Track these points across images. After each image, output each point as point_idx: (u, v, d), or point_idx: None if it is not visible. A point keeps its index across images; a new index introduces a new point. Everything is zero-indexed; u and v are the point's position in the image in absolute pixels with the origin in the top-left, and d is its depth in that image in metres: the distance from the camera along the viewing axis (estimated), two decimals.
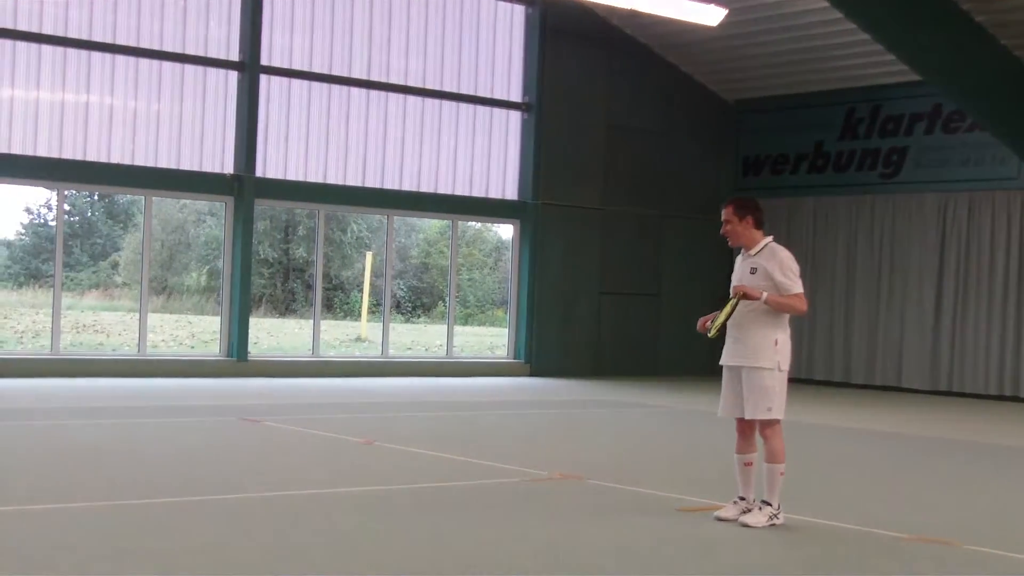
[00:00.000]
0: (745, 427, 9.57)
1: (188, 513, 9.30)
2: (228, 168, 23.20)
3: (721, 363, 9.66)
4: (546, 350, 26.50)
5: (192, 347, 31.16)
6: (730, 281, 9.71)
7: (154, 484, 10.49)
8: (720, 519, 9.49)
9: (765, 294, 9.33)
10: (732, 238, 9.66)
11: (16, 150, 21.30)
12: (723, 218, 9.65)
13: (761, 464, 9.45)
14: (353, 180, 24.66)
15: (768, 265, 9.47)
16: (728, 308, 9.45)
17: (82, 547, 8.00)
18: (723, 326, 9.50)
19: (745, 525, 9.26)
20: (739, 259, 9.75)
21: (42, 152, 21.53)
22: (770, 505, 9.33)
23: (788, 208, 27.96)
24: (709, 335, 9.55)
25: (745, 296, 9.33)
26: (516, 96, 26.58)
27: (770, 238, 9.67)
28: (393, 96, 25.09)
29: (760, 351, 9.39)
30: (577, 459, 13.28)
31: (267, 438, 14.33)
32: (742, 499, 9.55)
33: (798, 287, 9.46)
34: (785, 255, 9.55)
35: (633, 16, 25.01)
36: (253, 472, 11.58)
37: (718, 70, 28.27)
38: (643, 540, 8.87)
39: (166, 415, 16.11)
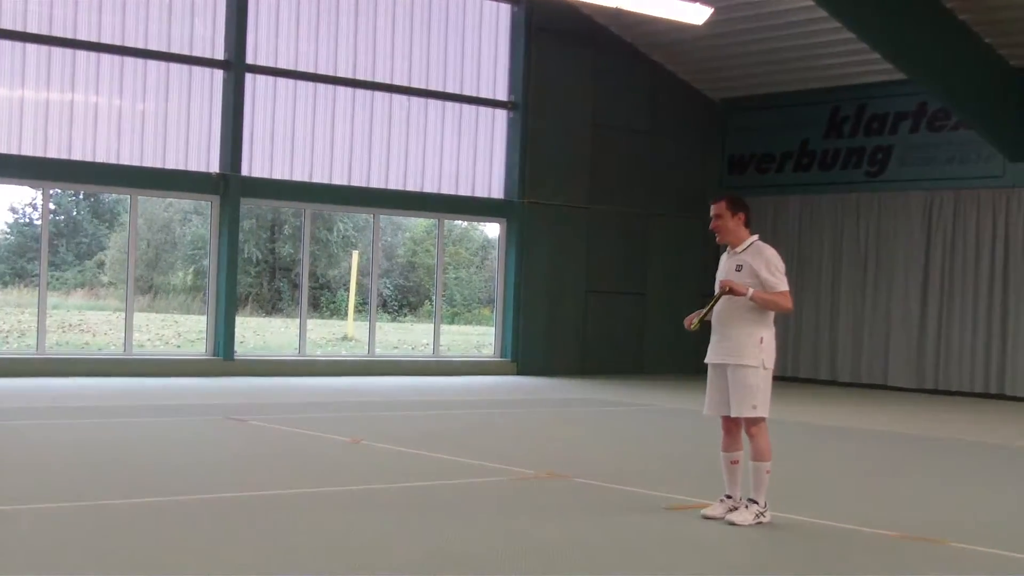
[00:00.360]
0: (731, 425, 9.58)
1: (174, 513, 9.29)
2: (214, 167, 23.17)
3: (706, 361, 9.66)
4: (532, 349, 26.51)
5: (178, 346, 31.11)
6: (715, 279, 9.72)
7: (140, 484, 10.48)
8: (707, 517, 9.50)
9: (751, 290, 9.33)
10: (721, 233, 9.66)
11: (1, 149, 21.26)
12: (714, 212, 9.64)
13: (747, 462, 9.46)
14: (339, 179, 24.65)
15: (754, 262, 9.48)
16: (712, 303, 9.48)
17: (67, 547, 7.98)
18: (706, 320, 9.53)
19: (732, 523, 9.27)
20: (724, 257, 9.76)
21: (27, 151, 21.48)
22: (757, 503, 9.34)
23: (774, 206, 28.00)
24: (691, 328, 9.58)
25: (731, 291, 9.33)
26: (502, 95, 26.59)
27: (756, 236, 9.69)
28: (379, 95, 25.08)
29: (745, 349, 9.39)
30: (564, 458, 13.29)
31: (253, 437, 14.32)
32: (728, 497, 9.56)
33: (784, 285, 9.47)
34: (771, 253, 9.56)
35: (618, 15, 25.02)
36: (239, 472, 11.58)
37: (704, 69, 28.29)
38: (631, 538, 8.87)
39: (152, 415, 16.08)
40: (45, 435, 13.85)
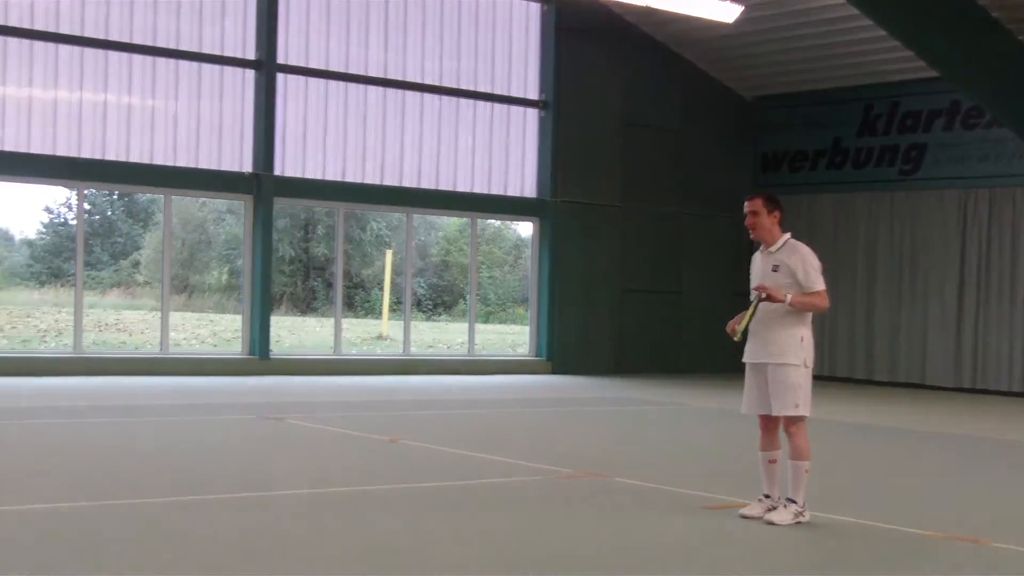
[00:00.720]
0: (769, 424, 9.55)
1: (211, 511, 9.32)
2: (247, 167, 23.25)
3: (744, 360, 9.63)
4: (567, 348, 26.48)
5: (214, 345, 31.22)
6: (749, 279, 9.70)
7: (177, 482, 10.52)
8: (745, 517, 9.47)
9: (790, 296, 9.30)
10: (756, 231, 9.61)
11: (36, 149, 21.39)
12: (750, 209, 9.58)
13: (786, 461, 9.43)
14: (371, 178, 24.69)
15: (790, 261, 9.45)
16: (751, 310, 9.45)
17: (104, 546, 8.01)
18: (748, 328, 9.50)
19: (770, 523, 9.24)
20: (758, 256, 9.72)
21: (61, 151, 21.61)
22: (795, 503, 9.31)
23: (808, 205, 27.90)
24: (735, 339, 9.55)
25: (769, 298, 9.30)
26: (533, 94, 26.58)
27: (788, 235, 9.65)
28: (410, 94, 25.12)
29: (786, 348, 9.37)
30: (601, 457, 13.29)
31: (290, 436, 14.36)
32: (767, 497, 9.53)
33: (820, 284, 9.44)
34: (806, 251, 9.53)
35: (649, 13, 24.98)
36: (277, 471, 11.59)
37: (735, 67, 28.23)
38: (670, 538, 8.87)
39: (189, 414, 16.14)
40: (83, 434, 13.91)
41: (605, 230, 27.00)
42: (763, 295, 9.33)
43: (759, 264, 9.67)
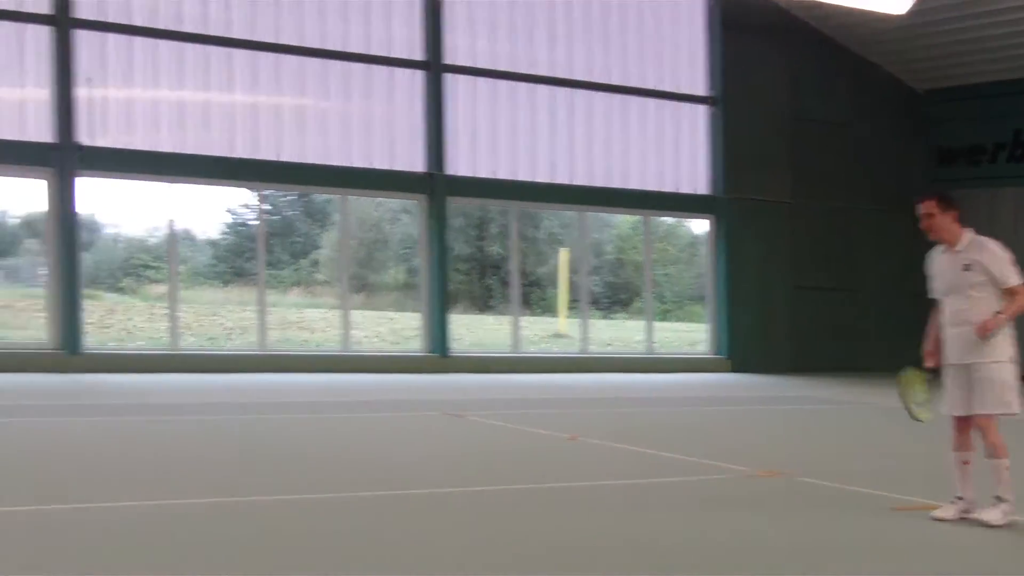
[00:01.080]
0: (964, 424, 9.37)
1: (396, 506, 9.46)
2: (419, 167, 23.52)
3: (947, 362, 9.43)
4: (746, 346, 26.34)
5: (394, 343, 31.60)
6: (928, 278, 9.54)
7: (361, 478, 10.75)
8: (937, 519, 9.32)
9: (1002, 315, 9.15)
10: (934, 232, 9.43)
11: (216, 152, 21.92)
12: (924, 211, 9.40)
13: (981, 462, 9.26)
14: (543, 177, 24.85)
15: (982, 258, 9.27)
16: (919, 380, 9.37)
17: (314, 538, 8.16)
18: (928, 399, 9.44)
19: (982, 522, 9.02)
20: (940, 256, 9.51)
21: (240, 154, 22.13)
22: (1005, 501, 9.11)
23: (988, 199, 27.34)
24: (922, 421, 9.50)
25: (986, 329, 9.14)
26: (700, 90, 26.50)
27: (971, 231, 9.47)
28: (579, 92, 25.20)
29: (994, 345, 9.19)
30: (784, 456, 13.23)
31: (473, 433, 14.53)
32: (960, 499, 9.35)
33: (1016, 277, 9.24)
34: (994, 245, 9.33)
35: (815, 7, 24.75)
36: (462, 467, 11.75)
37: (906, 59, 27.79)
38: (857, 539, 8.76)
39: (372, 410, 16.43)
40: (265, 430, 14.22)
41: (776, 227, 26.82)
42: (981, 331, 9.17)
43: (945, 264, 9.47)
